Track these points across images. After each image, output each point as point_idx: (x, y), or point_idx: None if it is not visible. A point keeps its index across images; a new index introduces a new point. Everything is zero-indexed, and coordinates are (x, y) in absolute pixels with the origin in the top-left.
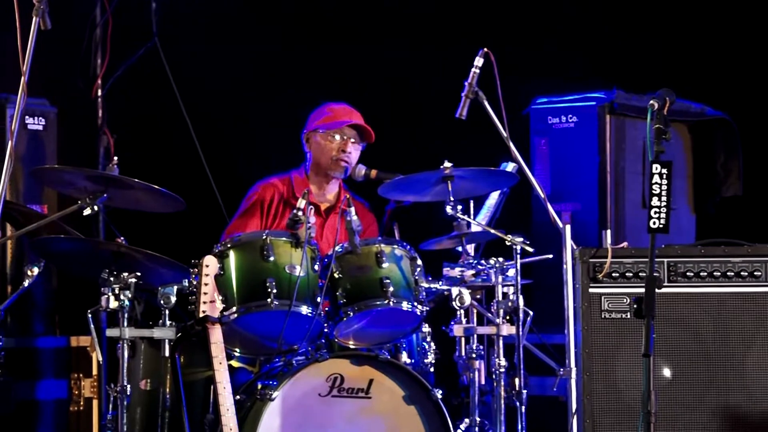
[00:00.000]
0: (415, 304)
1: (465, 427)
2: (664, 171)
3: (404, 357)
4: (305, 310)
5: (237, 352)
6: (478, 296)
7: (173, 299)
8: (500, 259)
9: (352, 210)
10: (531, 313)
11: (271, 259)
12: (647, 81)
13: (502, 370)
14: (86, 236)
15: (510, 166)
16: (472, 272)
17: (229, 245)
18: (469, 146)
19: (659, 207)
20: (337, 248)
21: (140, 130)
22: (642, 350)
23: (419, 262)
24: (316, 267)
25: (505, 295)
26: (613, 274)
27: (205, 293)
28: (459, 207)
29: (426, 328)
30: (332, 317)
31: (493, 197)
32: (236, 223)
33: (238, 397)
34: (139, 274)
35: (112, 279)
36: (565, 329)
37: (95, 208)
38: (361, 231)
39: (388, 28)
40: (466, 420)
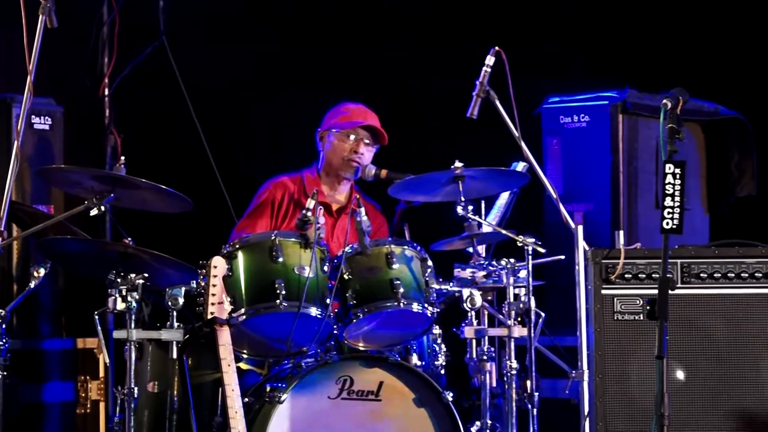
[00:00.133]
0: (426, 305)
1: (476, 430)
2: (678, 171)
3: (415, 359)
4: (314, 311)
5: (245, 354)
6: (490, 298)
7: (181, 301)
8: (512, 260)
9: (362, 210)
10: (543, 314)
11: (280, 260)
12: (660, 80)
13: (513, 372)
14: (93, 237)
15: (521, 166)
16: (484, 273)
17: (237, 246)
18: (469, 146)
19: (672, 207)
20: (347, 249)
21: (147, 129)
22: (655, 352)
23: (430, 263)
24: (326, 268)
25: (516, 296)
26: (626, 276)
27: (213, 294)
28: (470, 207)
29: (437, 330)
30: (342, 319)
31: (504, 197)
32: (245, 222)
33: (246, 399)
34: (146, 275)
35: (119, 280)
36: (578, 331)
37: (102, 208)
38: (371, 232)
39: (388, 28)
40: (478, 423)
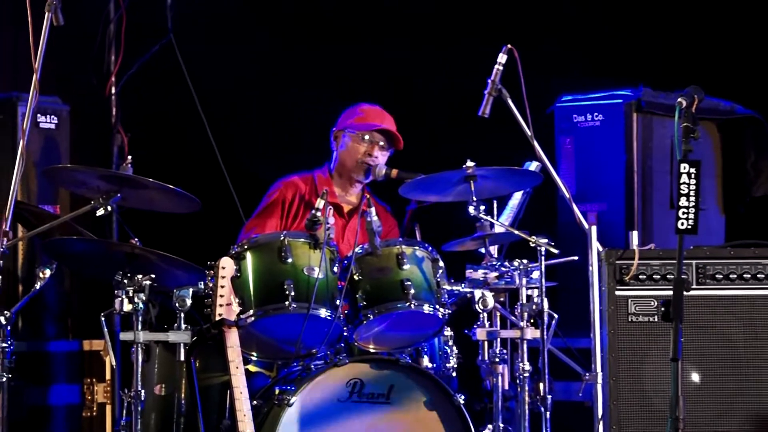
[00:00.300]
0: (437, 306)
1: None
2: (693, 170)
3: (425, 361)
4: (324, 313)
5: (254, 356)
6: (502, 299)
7: (189, 302)
8: (524, 261)
9: (372, 210)
10: (556, 316)
11: (289, 260)
12: (675, 78)
13: (526, 374)
14: (99, 237)
15: (533, 166)
16: (496, 274)
17: (246, 246)
18: (480, 146)
19: (687, 207)
20: (357, 249)
21: (154, 128)
22: (670, 354)
23: (441, 263)
24: (335, 269)
25: (529, 297)
26: (640, 277)
27: (221, 296)
28: (482, 207)
29: (448, 332)
30: (352, 320)
31: (516, 197)
32: (255, 221)
33: (255, 402)
34: (153, 276)
35: (125, 281)
36: (591, 333)
37: (108, 208)
38: (381, 232)
39: (388, 28)
40: (489, 426)
